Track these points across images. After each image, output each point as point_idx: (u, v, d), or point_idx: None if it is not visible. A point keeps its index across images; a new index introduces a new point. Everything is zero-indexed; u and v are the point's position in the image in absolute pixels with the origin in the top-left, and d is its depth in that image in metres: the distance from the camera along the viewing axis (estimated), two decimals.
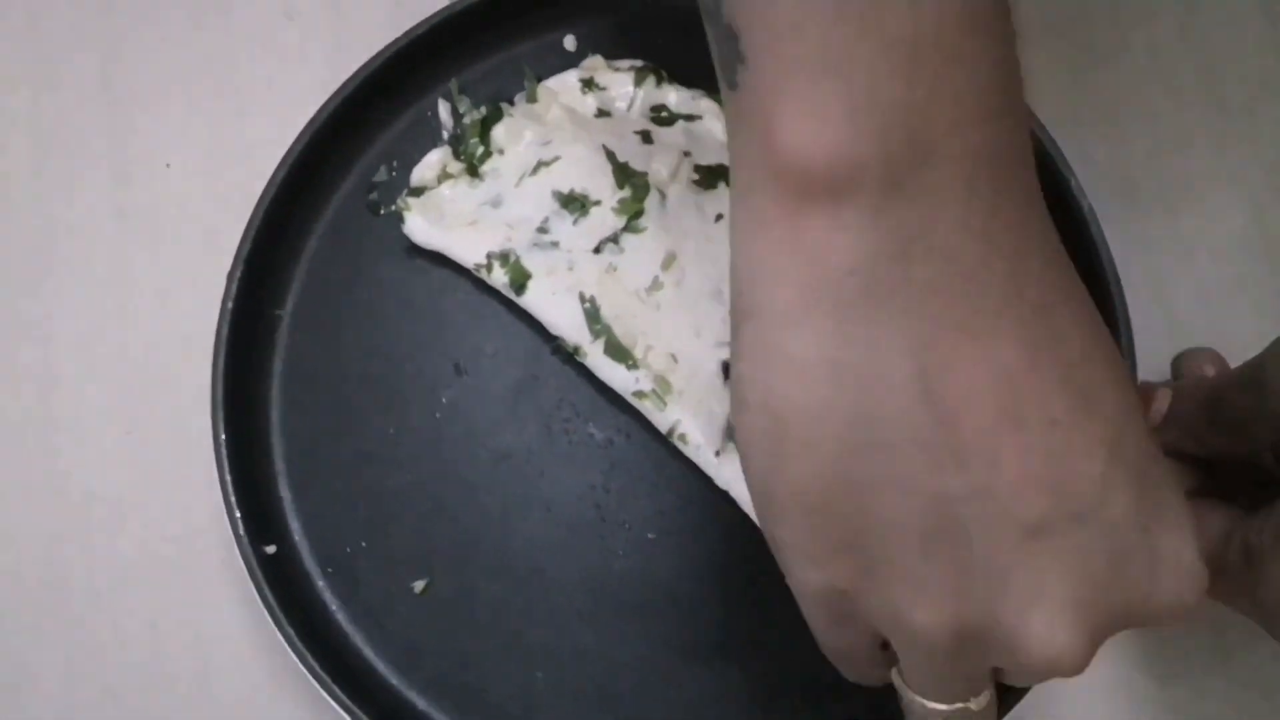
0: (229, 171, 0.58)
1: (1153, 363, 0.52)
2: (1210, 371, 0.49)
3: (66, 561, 0.54)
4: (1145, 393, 0.48)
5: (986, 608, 0.32)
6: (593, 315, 0.52)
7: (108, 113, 0.59)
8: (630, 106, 0.56)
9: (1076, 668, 0.32)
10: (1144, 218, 0.56)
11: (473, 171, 0.55)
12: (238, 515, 0.50)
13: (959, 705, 0.37)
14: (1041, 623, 0.32)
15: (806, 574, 0.34)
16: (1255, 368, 0.41)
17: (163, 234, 0.58)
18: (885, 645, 0.37)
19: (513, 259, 0.53)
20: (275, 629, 0.49)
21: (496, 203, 0.55)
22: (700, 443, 0.51)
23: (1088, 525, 0.32)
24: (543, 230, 0.54)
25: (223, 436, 0.51)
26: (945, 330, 0.30)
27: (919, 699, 0.37)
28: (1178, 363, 0.49)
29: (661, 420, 0.52)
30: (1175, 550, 0.33)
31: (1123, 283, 0.51)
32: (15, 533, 0.54)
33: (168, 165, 0.58)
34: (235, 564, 0.51)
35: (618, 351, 0.52)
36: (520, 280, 0.53)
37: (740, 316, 0.33)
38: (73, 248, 0.57)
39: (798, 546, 0.34)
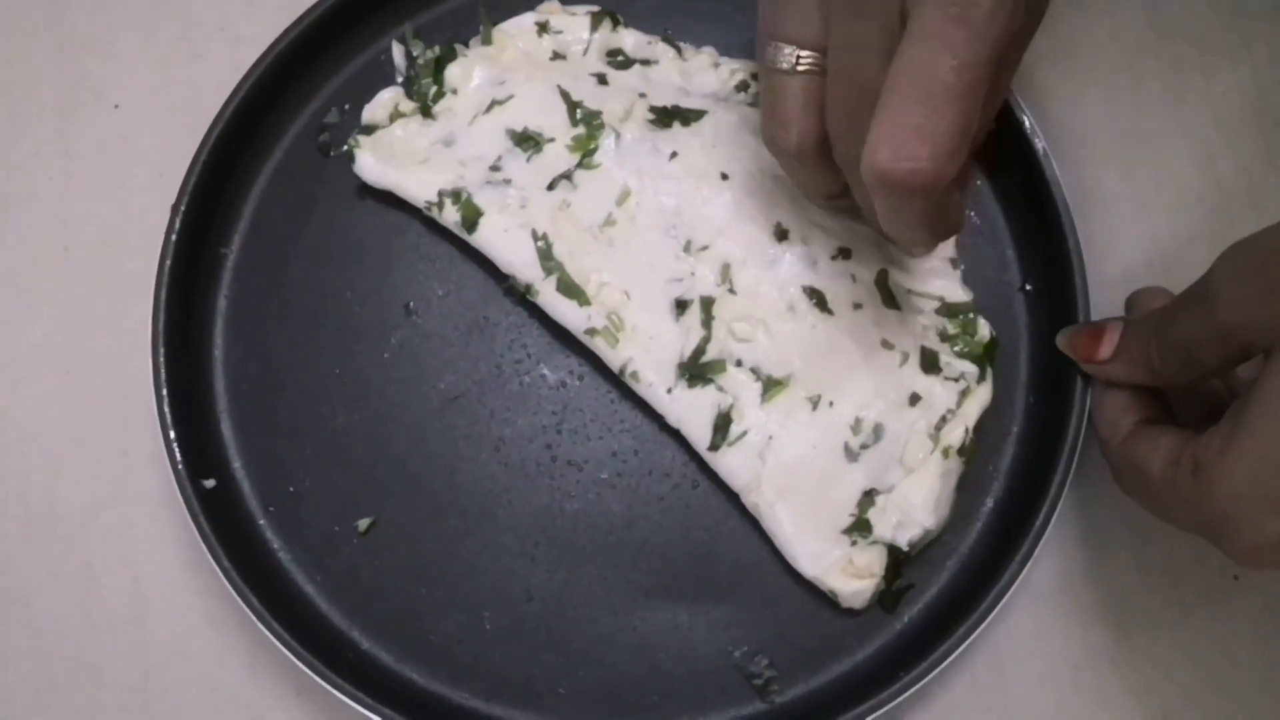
0: (179, 114, 0.57)
1: (1106, 310, 0.52)
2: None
3: None
4: (1096, 328, 0.48)
5: None
6: (545, 253, 0.52)
7: (55, 54, 0.58)
8: (586, 50, 0.56)
9: None
10: (1098, 171, 0.56)
11: (425, 110, 0.55)
12: (175, 446, 0.49)
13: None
14: None
15: None
16: (1202, 282, 0.41)
17: (108, 174, 0.56)
18: None
19: (464, 196, 0.52)
20: (214, 564, 0.48)
21: (449, 141, 0.54)
22: (652, 380, 0.50)
23: None
24: (495, 168, 0.53)
25: (162, 365, 0.49)
26: None
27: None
28: (1130, 301, 0.49)
29: (614, 358, 0.51)
30: None
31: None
32: None
33: (116, 106, 0.57)
34: (173, 505, 0.49)
35: (570, 289, 0.51)
36: (472, 218, 0.52)
37: None
38: (13, 186, 0.56)
39: None
